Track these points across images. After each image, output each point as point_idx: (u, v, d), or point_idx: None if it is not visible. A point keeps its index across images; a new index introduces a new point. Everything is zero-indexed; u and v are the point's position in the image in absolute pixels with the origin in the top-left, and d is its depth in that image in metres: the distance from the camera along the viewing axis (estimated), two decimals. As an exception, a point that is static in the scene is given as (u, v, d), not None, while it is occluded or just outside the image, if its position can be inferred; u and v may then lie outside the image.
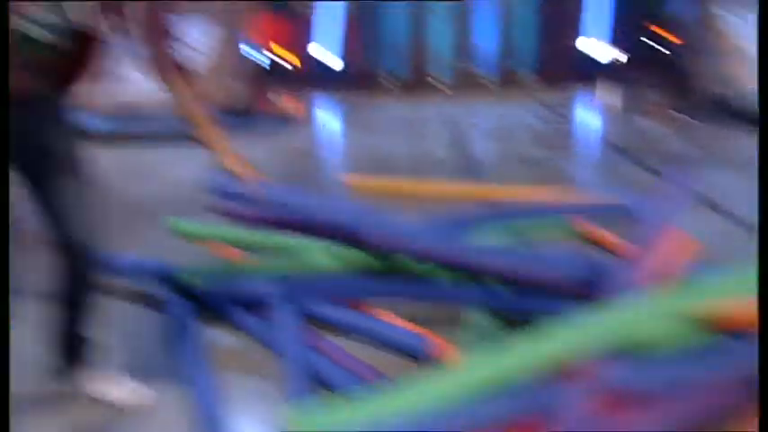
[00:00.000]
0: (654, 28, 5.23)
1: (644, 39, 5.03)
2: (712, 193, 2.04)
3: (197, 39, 4.05)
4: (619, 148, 3.38)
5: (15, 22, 0.80)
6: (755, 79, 1.10)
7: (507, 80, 6.37)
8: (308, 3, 5.92)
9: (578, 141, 4.28)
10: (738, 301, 0.68)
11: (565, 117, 4.78)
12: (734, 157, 2.83)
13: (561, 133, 4.21)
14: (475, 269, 1.17)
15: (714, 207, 1.98)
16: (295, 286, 1.26)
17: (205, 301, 1.32)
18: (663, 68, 4.83)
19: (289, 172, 2.86)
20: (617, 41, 6.01)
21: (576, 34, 6.29)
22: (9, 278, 0.86)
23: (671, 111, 4.14)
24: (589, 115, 5.00)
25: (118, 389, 0.97)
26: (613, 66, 5.88)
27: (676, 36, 4.76)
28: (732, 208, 1.94)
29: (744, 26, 4.11)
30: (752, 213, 0.97)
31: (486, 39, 6.39)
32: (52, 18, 0.84)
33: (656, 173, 2.61)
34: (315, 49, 6.19)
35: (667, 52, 4.81)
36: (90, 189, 0.95)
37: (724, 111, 3.98)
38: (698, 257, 1.14)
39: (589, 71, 6.02)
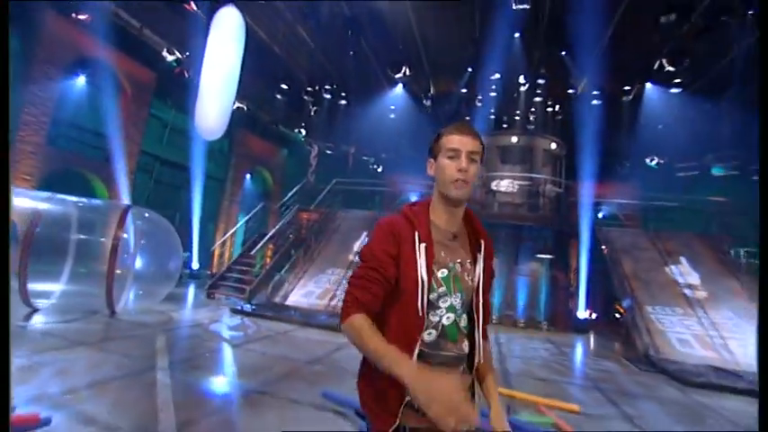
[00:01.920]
0: (616, 306, 9.21)
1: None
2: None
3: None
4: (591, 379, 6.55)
5: None
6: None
7: (530, 323, 10.02)
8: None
9: (572, 368, 7.38)
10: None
11: (564, 352, 8.03)
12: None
13: (561, 362, 7.39)
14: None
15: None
16: None
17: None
18: (619, 329, 8.46)
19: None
20: (594, 310, 9.96)
21: (576, 305, 10.22)
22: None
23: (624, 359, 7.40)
24: (577, 350, 8.24)
25: None
26: (589, 321, 9.69)
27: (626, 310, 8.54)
28: None
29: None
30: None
31: (520, 297, 10.40)
32: None
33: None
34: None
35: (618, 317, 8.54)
36: None
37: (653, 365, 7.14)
38: None
39: (581, 325, 9.78)
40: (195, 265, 12.38)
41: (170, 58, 11.18)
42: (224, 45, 7.11)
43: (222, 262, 13.02)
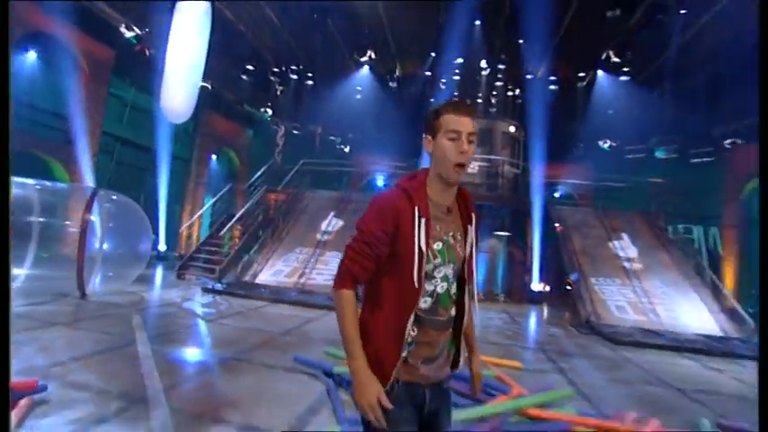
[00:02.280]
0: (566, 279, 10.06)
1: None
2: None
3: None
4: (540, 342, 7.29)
5: None
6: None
7: (488, 296, 10.78)
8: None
9: (522, 334, 8.14)
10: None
11: (517, 321, 8.80)
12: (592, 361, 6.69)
13: (513, 329, 8.12)
14: None
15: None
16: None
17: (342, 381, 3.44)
18: (568, 299, 9.32)
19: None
20: (548, 282, 10.82)
21: (530, 278, 11.05)
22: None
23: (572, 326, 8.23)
24: (529, 319, 9.04)
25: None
26: (543, 293, 10.53)
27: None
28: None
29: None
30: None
31: (479, 272, 11.12)
32: None
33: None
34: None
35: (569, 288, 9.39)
36: None
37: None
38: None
39: (535, 297, 10.63)
40: (162, 246, 12.32)
41: (129, 34, 10.83)
42: (190, 28, 7.07)
43: (190, 243, 13.01)
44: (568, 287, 11.32)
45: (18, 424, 2.31)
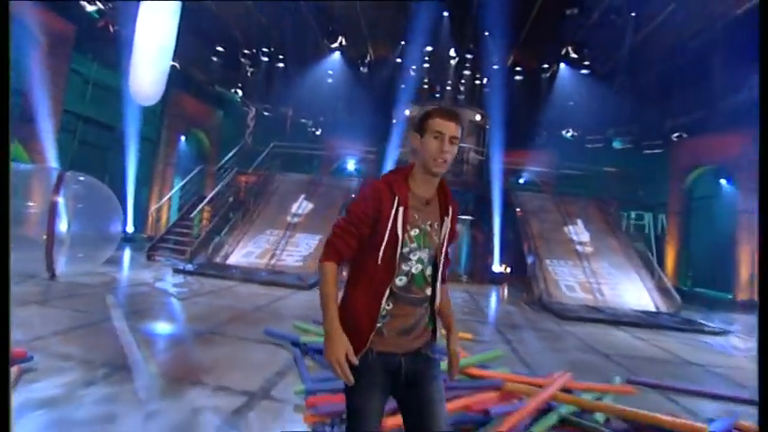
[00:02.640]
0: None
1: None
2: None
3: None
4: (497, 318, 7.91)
5: None
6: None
7: (452, 277, 11.40)
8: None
9: (479, 311, 8.77)
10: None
11: (476, 300, 9.43)
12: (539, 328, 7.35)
13: (471, 307, 8.73)
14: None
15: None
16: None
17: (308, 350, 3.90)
18: (526, 280, 10.04)
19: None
20: (509, 264, 11.54)
21: (491, 259, 11.73)
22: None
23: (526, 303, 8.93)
24: (488, 298, 9.71)
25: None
26: (503, 275, 11.23)
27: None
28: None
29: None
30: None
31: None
32: None
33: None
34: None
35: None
36: None
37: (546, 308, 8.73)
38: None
39: (496, 278, 11.33)
40: (130, 228, 12.21)
41: (90, 8, 10.47)
42: (160, 8, 7.02)
43: (159, 225, 12.93)
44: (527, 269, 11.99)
45: (12, 387, 2.55)
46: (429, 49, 11.94)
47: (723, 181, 13.50)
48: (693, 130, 13.77)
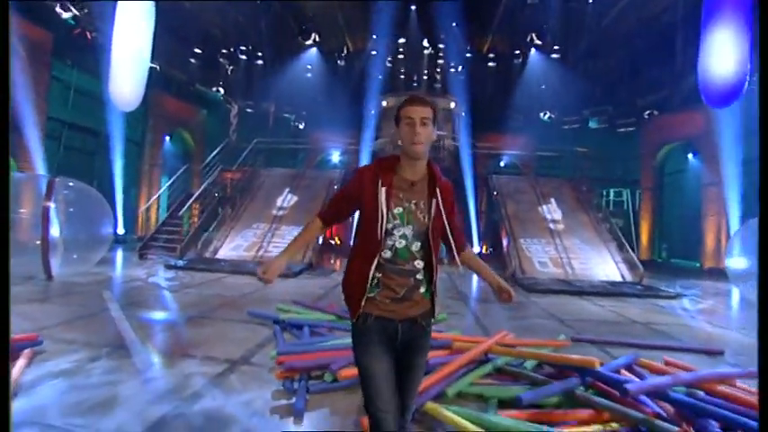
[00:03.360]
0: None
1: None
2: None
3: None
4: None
5: None
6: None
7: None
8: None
9: (452, 288, 9.34)
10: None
11: (452, 279, 9.97)
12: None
13: (446, 285, 9.28)
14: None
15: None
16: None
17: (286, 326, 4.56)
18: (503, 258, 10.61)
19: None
20: (489, 245, 12.11)
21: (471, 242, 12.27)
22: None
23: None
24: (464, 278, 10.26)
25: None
26: (482, 255, 11.85)
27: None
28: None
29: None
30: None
31: None
32: None
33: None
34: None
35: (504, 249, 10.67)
36: None
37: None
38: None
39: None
40: (121, 230, 12.56)
41: (66, 15, 10.66)
42: (135, 14, 7.30)
43: (149, 225, 13.28)
44: (503, 248, 12.62)
45: (26, 366, 3.01)
46: (402, 41, 12.30)
47: (690, 156, 14.14)
48: (663, 108, 14.35)
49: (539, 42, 10.83)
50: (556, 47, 12.35)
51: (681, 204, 14.58)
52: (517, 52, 13.51)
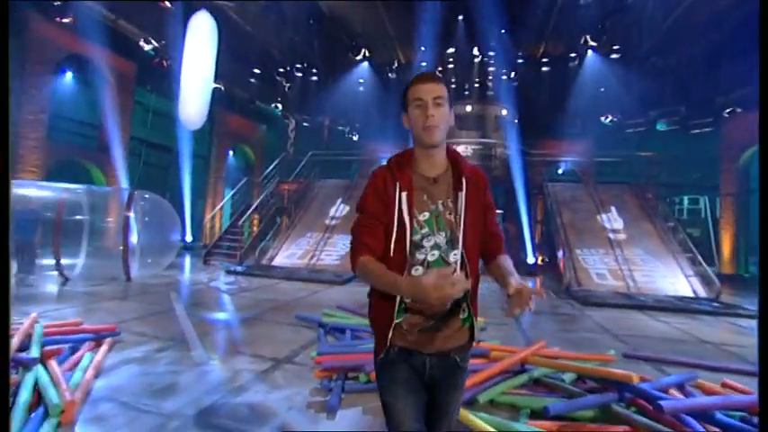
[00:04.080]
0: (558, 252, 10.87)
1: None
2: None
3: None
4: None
5: None
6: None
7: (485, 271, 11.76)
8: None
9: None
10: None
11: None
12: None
13: (498, 296, 9.05)
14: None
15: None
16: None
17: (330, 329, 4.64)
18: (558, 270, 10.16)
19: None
20: (545, 256, 11.68)
21: (525, 251, 11.91)
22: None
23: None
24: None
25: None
26: (539, 266, 11.41)
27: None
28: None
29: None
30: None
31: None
32: None
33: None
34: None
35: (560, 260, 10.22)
36: None
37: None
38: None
39: (531, 269, 11.54)
40: (189, 238, 13.70)
41: (147, 47, 11.97)
42: (200, 44, 8.08)
43: (214, 233, 14.36)
44: (559, 259, 12.13)
45: (108, 351, 3.46)
46: (451, 50, 12.38)
47: (780, 158, 12.65)
48: (747, 105, 12.97)
49: (593, 43, 10.35)
50: (615, 47, 11.74)
51: (771, 212, 13.02)
52: (573, 55, 13.02)
